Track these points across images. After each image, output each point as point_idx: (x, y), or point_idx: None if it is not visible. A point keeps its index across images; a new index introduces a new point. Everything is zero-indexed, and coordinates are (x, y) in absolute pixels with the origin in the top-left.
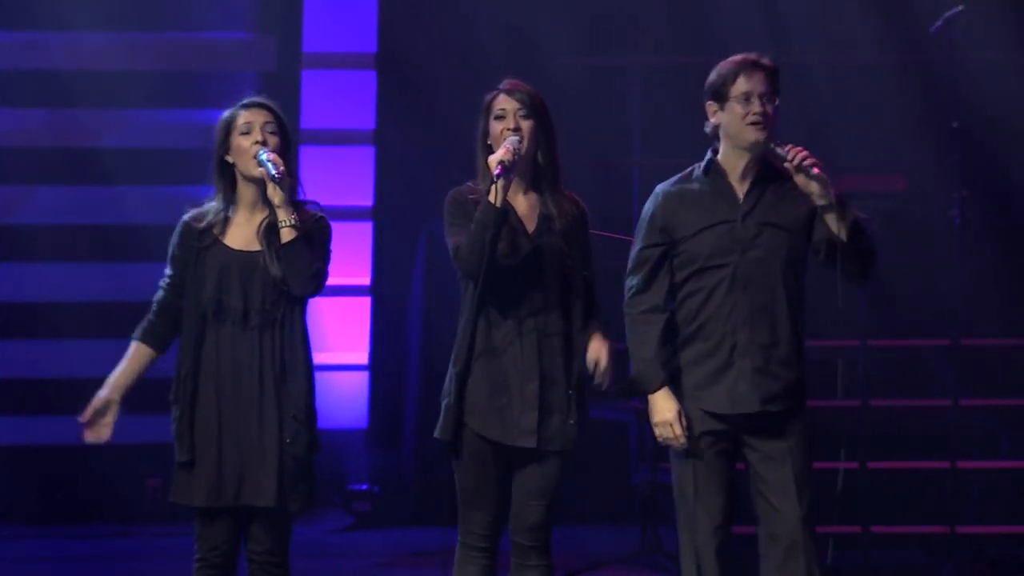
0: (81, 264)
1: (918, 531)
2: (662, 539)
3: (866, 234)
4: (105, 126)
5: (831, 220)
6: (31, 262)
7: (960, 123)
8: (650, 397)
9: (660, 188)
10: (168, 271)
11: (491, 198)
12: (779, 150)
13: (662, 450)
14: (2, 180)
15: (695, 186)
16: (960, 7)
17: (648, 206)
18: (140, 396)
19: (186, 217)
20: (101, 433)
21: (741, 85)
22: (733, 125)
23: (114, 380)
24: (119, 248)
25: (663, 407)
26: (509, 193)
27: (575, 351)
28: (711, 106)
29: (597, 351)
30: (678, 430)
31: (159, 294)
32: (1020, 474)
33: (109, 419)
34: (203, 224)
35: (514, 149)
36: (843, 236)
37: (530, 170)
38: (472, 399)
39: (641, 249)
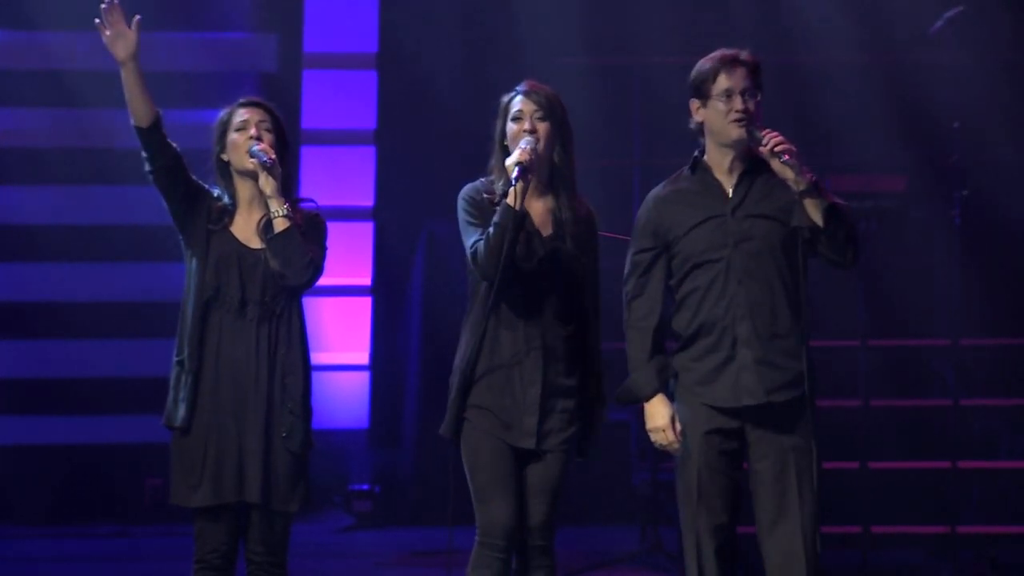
0: (82, 264)
1: (918, 531)
2: (662, 539)
3: (844, 218)
4: (106, 126)
5: (810, 206)
6: (32, 262)
7: (960, 123)
8: (645, 405)
9: (651, 193)
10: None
11: (510, 201)
12: (757, 134)
13: (663, 450)
14: (3, 180)
15: (683, 185)
16: (960, 7)
17: (640, 212)
18: (139, 397)
19: (215, 190)
20: (123, 35)
21: (722, 82)
22: (716, 122)
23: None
24: (120, 248)
25: (656, 413)
26: (526, 196)
27: (581, 356)
28: (694, 103)
29: None
30: (671, 436)
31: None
32: (1020, 474)
33: (134, 33)
34: (220, 206)
35: (531, 150)
36: (819, 221)
37: (546, 172)
38: (475, 399)
39: (634, 254)
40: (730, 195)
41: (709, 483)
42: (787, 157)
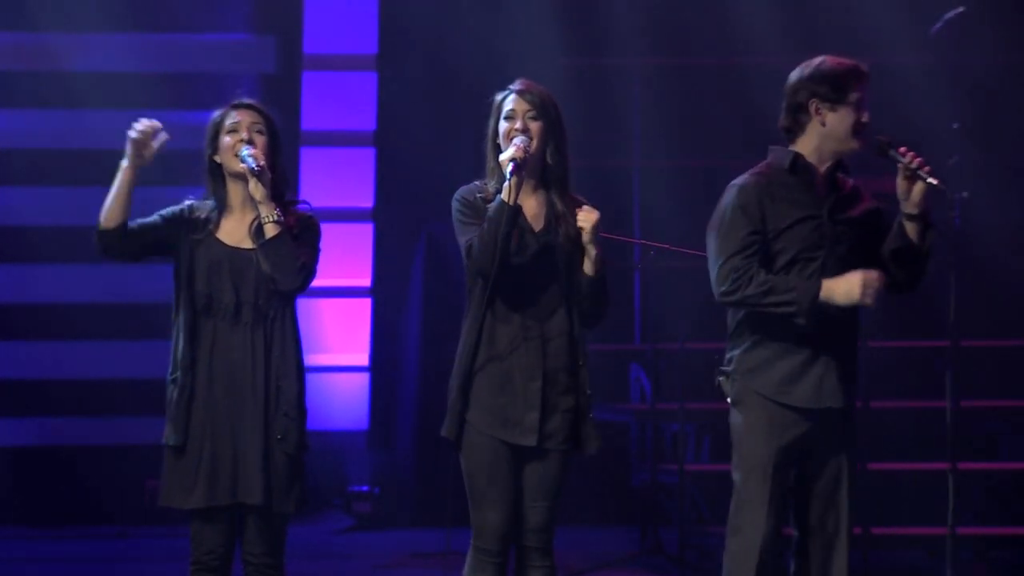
0: (82, 265)
1: (918, 532)
2: (662, 540)
3: (932, 247)
4: (105, 127)
5: (911, 228)
6: (32, 263)
7: (960, 123)
8: (829, 293)
9: (744, 182)
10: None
11: (504, 196)
12: (892, 152)
13: (662, 451)
14: (2, 180)
15: (781, 180)
16: (960, 8)
17: (734, 199)
18: (139, 398)
19: (189, 201)
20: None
21: (858, 92)
22: (842, 130)
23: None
24: None
25: (844, 283)
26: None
27: (578, 352)
28: (816, 103)
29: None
30: (863, 280)
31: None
32: (1020, 475)
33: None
34: (201, 215)
35: (524, 147)
36: (922, 245)
37: (538, 170)
38: (476, 397)
39: (747, 235)
40: (824, 198)
41: (780, 498)
42: (936, 182)
